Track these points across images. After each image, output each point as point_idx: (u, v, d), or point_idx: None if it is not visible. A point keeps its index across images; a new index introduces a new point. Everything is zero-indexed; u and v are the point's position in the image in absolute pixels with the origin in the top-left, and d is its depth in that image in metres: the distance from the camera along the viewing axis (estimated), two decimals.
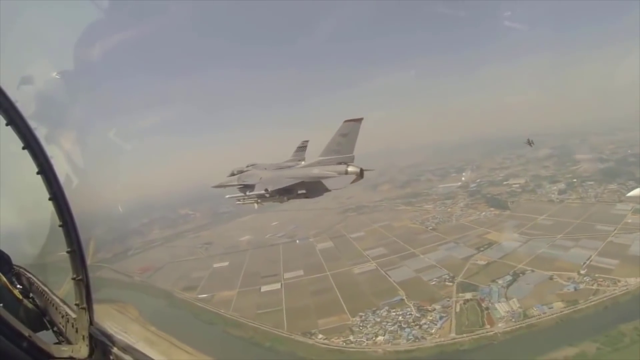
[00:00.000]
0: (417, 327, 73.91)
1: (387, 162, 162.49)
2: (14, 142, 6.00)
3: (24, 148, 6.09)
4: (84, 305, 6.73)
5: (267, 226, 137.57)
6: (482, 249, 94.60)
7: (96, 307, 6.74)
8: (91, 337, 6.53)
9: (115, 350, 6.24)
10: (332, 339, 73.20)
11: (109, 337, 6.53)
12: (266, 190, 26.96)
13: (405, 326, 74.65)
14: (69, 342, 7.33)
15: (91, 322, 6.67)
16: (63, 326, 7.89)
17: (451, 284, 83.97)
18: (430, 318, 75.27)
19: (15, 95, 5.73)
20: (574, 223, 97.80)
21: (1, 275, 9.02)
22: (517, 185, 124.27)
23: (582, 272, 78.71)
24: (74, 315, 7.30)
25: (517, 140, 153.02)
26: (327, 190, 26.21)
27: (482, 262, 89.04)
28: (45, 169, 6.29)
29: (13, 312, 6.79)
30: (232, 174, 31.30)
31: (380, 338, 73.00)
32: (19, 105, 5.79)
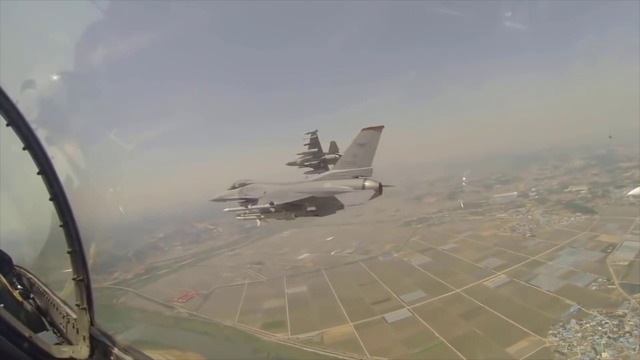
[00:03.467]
0: (628, 334, 66.40)
1: (404, 178, 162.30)
2: (15, 142, 5.87)
3: (24, 148, 5.94)
4: (85, 305, 6.52)
5: (320, 242, 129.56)
6: (608, 250, 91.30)
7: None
8: (92, 338, 6.34)
9: (115, 350, 6.09)
10: None
11: (110, 337, 6.35)
12: (271, 204, 24.75)
13: (615, 336, 66.57)
14: (69, 343, 7.21)
15: (92, 323, 6.48)
16: (64, 327, 7.73)
17: (614, 286, 78.83)
18: (632, 323, 68.30)
19: (16, 96, 5.62)
20: None
21: (2, 276, 8.74)
22: (585, 192, 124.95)
23: None
24: (74, 316, 7.14)
25: (536, 155, 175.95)
26: (340, 207, 24.19)
27: (623, 263, 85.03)
28: (46, 170, 6.12)
29: (14, 313, 6.09)
30: (234, 187, 29.03)
31: (605, 355, 63.58)
32: (20, 106, 5.66)
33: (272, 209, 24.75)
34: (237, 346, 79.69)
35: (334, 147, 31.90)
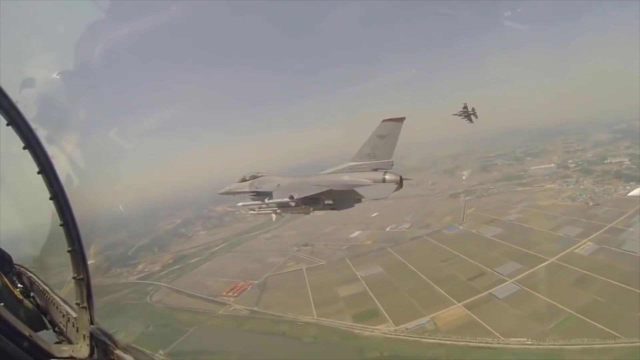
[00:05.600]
0: None
1: (424, 153, 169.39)
2: (15, 142, 5.89)
3: (24, 148, 5.95)
4: (85, 304, 6.52)
5: (365, 218, 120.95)
6: None
7: None
8: (92, 337, 6.32)
9: (115, 349, 6.13)
10: None
11: (110, 336, 6.37)
12: (291, 197, 23.06)
13: None
14: (69, 342, 7.23)
15: (92, 322, 6.46)
16: (64, 325, 7.75)
17: None
18: None
19: (16, 96, 5.66)
20: None
21: (2, 274, 8.81)
22: (628, 162, 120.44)
23: None
24: (74, 315, 7.14)
25: (552, 130, 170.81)
26: (358, 200, 23.33)
27: None
28: (46, 169, 6.13)
29: (14, 312, 6.29)
30: (244, 180, 26.99)
31: None
32: (20, 106, 5.69)
33: (292, 203, 23.42)
34: (335, 348, 67.82)
35: None
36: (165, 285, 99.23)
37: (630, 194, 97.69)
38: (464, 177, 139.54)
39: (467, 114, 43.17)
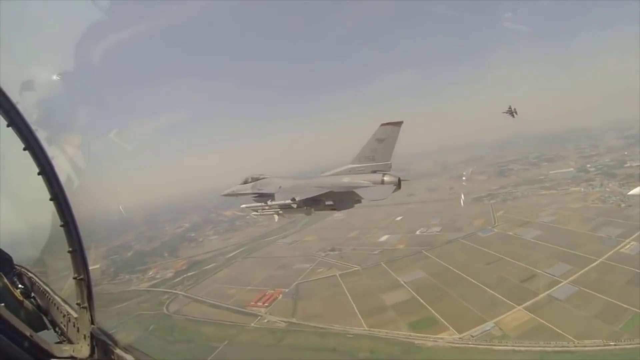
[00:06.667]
0: None
1: (431, 159, 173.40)
2: (15, 143, 5.97)
3: (25, 149, 6.04)
4: (85, 304, 6.57)
5: (389, 222, 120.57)
6: None
7: None
8: (92, 337, 6.36)
9: (116, 349, 6.04)
10: None
11: (110, 336, 6.35)
12: (293, 199, 23.79)
13: None
14: (70, 342, 7.25)
15: (92, 322, 6.50)
16: (64, 326, 7.79)
17: None
18: None
19: (16, 97, 5.68)
20: None
21: (3, 275, 8.90)
22: None
23: None
24: (75, 315, 7.18)
25: (559, 137, 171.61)
26: (358, 201, 24.08)
27: None
28: (47, 170, 6.21)
29: (14, 312, 6.61)
30: (246, 182, 27.66)
31: None
32: (20, 107, 5.74)
33: (294, 205, 23.99)
34: None
35: None
36: (182, 294, 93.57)
37: (630, 193, 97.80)
38: (463, 178, 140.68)
39: (511, 112, 55.57)
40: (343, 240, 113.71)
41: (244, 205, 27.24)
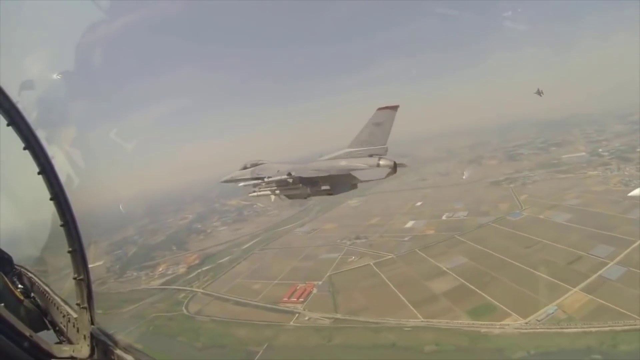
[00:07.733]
0: None
1: (434, 145, 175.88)
2: (15, 142, 6.01)
3: (25, 148, 6.05)
4: (85, 304, 6.57)
5: (410, 208, 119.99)
6: None
7: None
8: (92, 337, 6.38)
9: (116, 349, 6.10)
10: None
11: (110, 336, 6.39)
12: (289, 174, 25.12)
13: None
14: (70, 342, 7.25)
15: (92, 322, 6.51)
16: (64, 326, 7.78)
17: None
18: None
19: (16, 96, 5.75)
20: None
21: (3, 275, 9.00)
22: None
23: None
24: (75, 315, 7.16)
25: (561, 122, 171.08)
26: (354, 185, 25.54)
27: None
28: (47, 169, 6.21)
29: (14, 312, 6.77)
30: (245, 167, 29.12)
31: None
32: (20, 106, 5.79)
33: (290, 180, 24.98)
34: (470, 352, 58.88)
35: None
36: (200, 291, 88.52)
37: (631, 194, 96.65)
38: (464, 177, 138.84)
39: (539, 92, 69.95)
40: (365, 227, 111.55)
41: (242, 184, 27.93)
